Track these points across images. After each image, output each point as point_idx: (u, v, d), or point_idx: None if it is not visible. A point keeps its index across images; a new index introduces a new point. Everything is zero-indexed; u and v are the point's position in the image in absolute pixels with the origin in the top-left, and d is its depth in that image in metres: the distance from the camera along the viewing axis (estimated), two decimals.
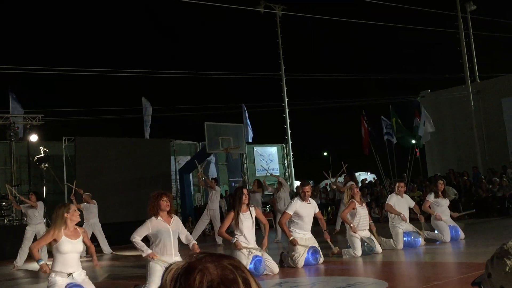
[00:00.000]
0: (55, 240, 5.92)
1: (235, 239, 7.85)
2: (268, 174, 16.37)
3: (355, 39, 47.39)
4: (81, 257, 6.47)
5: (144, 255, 6.74)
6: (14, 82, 19.58)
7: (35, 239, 11.56)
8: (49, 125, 18.99)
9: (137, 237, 6.74)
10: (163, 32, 51.45)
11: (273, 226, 15.06)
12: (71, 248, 5.95)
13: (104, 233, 14.00)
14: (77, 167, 17.06)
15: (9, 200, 13.67)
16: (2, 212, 15.75)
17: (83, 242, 6.28)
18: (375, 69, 46.02)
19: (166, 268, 1.09)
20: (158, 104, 22.82)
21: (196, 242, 7.17)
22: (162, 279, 1.07)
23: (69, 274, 5.92)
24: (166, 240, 6.72)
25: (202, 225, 14.60)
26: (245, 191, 8.12)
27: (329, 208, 20.27)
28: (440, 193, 10.90)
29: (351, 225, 9.35)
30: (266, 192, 16.42)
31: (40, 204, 12.22)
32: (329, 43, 49.65)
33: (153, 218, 6.77)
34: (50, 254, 6.52)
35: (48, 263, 6.43)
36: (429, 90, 26.74)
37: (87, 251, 6.83)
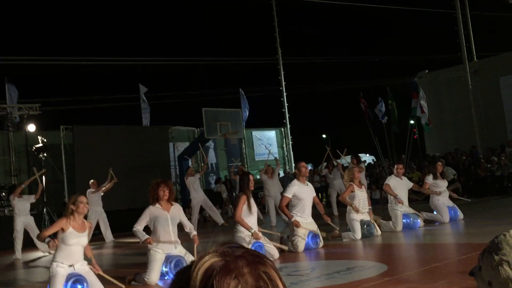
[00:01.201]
0: (63, 229, 5.97)
1: (253, 230, 7.80)
2: (271, 158, 16.36)
3: (352, 21, 47.15)
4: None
5: (141, 242, 6.79)
6: (11, 72, 19.46)
7: (25, 231, 11.70)
8: (47, 115, 18.98)
9: (138, 227, 6.80)
10: (159, 17, 51.08)
11: (265, 212, 15.12)
12: (76, 241, 5.99)
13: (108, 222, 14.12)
14: (76, 156, 17.07)
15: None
16: (2, 202, 15.77)
17: None
18: (373, 50, 45.91)
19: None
20: (155, 90, 22.78)
21: (196, 233, 7.18)
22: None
23: (71, 265, 5.95)
24: (164, 226, 6.76)
25: (195, 217, 14.53)
26: (251, 176, 8.14)
27: (328, 191, 20.26)
28: (438, 174, 10.92)
29: (353, 205, 9.36)
30: (257, 177, 16.35)
31: (31, 197, 12.28)
32: (326, 25, 49.38)
33: (151, 206, 6.83)
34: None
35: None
36: (427, 71, 26.67)
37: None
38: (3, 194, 15.83)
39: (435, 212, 10.71)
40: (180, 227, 7.21)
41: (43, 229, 6.63)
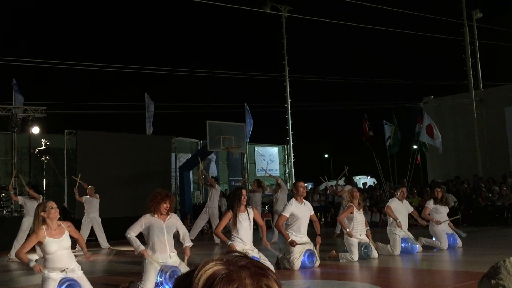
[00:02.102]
0: (40, 243, 5.81)
1: (230, 242, 7.81)
2: (267, 175, 16.38)
3: (360, 42, 47.36)
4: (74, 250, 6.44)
5: (136, 252, 6.73)
6: (17, 74, 19.58)
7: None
8: (51, 118, 19.04)
9: (131, 233, 6.71)
10: (168, 29, 51.44)
11: (271, 227, 15.08)
12: (57, 247, 5.84)
13: (102, 228, 14.04)
14: (78, 161, 17.08)
15: (8, 191, 13.64)
16: (2, 203, 15.78)
17: (72, 235, 6.20)
18: (379, 73, 46.00)
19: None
20: (161, 101, 22.84)
21: (189, 245, 7.07)
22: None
23: (63, 270, 5.89)
24: (159, 236, 6.69)
25: (200, 223, 14.63)
26: (244, 191, 8.09)
27: (329, 210, 20.25)
28: (439, 199, 10.89)
29: (347, 230, 9.36)
30: (266, 193, 16.41)
31: (40, 198, 12.24)
32: (333, 46, 49.63)
33: (148, 214, 6.74)
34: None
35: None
36: (432, 96, 26.70)
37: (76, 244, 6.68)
38: (3, 194, 15.85)
39: (434, 238, 10.66)
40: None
41: (19, 248, 6.23)
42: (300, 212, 8.69)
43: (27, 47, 38.31)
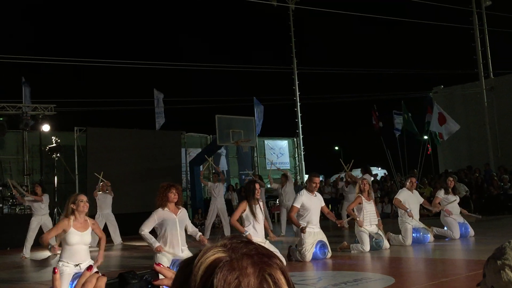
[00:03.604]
0: (64, 231, 5.95)
1: (248, 233, 7.85)
2: (274, 168, 16.38)
3: (368, 33, 47.13)
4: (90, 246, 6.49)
5: (153, 249, 6.77)
6: (27, 72, 19.69)
7: (40, 230, 11.69)
8: (61, 116, 19.13)
9: (145, 230, 6.79)
10: (176, 23, 51.48)
11: (279, 221, 15.10)
12: (79, 239, 5.96)
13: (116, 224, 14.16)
14: (89, 158, 17.16)
15: (14, 194, 13.76)
16: (14, 201, 15.90)
17: (95, 233, 6.31)
18: (388, 63, 45.81)
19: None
20: (169, 96, 22.89)
21: (200, 234, 7.16)
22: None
23: (77, 265, 5.95)
24: (172, 230, 6.75)
25: (211, 221, 14.56)
26: (257, 185, 8.17)
27: (340, 203, 20.21)
28: (450, 189, 10.84)
29: (357, 218, 9.33)
30: (268, 186, 16.35)
31: (46, 197, 12.31)
32: (341, 37, 49.41)
33: (159, 209, 6.81)
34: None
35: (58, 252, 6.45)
36: (442, 86, 26.54)
37: (99, 242, 6.75)
38: (14, 193, 15.96)
39: (445, 228, 10.62)
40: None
41: (46, 232, 6.44)
42: (311, 204, 8.71)
43: (36, 45, 38.49)
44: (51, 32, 44.63)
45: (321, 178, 23.82)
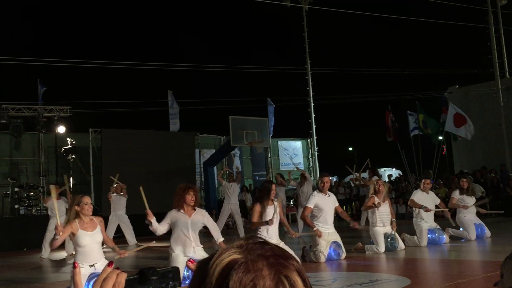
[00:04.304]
0: (73, 234, 5.97)
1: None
2: (294, 168, 16.38)
3: (382, 33, 46.93)
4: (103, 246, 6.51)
5: (150, 225, 6.74)
6: (43, 74, 19.91)
7: None
8: (77, 117, 19.29)
9: (158, 226, 6.79)
10: (189, 25, 51.65)
11: (296, 221, 15.07)
12: (89, 240, 5.98)
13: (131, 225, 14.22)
14: (103, 159, 17.28)
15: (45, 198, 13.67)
16: (30, 202, 16.06)
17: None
18: (402, 63, 45.54)
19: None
20: (183, 97, 22.96)
21: (222, 240, 7.13)
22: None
23: (92, 265, 5.98)
24: (183, 231, 6.77)
25: (223, 221, 14.58)
26: (273, 186, 8.16)
27: (353, 204, 20.17)
28: (465, 190, 10.76)
29: (374, 205, 9.30)
30: (289, 187, 16.40)
31: (63, 199, 12.39)
32: (355, 37, 49.25)
33: (174, 210, 6.84)
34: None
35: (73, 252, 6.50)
36: (457, 86, 26.34)
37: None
38: (32, 193, 16.13)
39: (461, 229, 10.54)
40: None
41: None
42: (324, 203, 8.69)
43: (51, 47, 38.82)
44: (66, 34, 44.96)
45: (335, 179, 23.85)
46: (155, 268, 1.15)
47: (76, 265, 1.17)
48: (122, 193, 14.00)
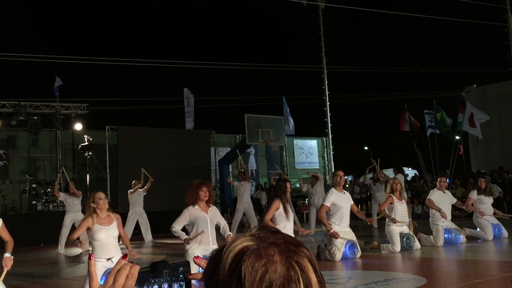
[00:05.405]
0: (89, 229, 6.03)
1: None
2: (304, 168, 16.39)
3: (399, 31, 46.61)
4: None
5: (182, 240, 6.85)
6: (60, 72, 20.06)
7: (73, 227, 11.87)
8: (93, 114, 19.45)
9: (176, 227, 6.85)
10: (206, 23, 51.77)
11: (308, 220, 15.07)
12: (106, 234, 6.03)
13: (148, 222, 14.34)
14: (120, 156, 17.40)
15: (54, 186, 13.96)
16: (47, 198, 16.23)
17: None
18: (419, 62, 45.18)
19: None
20: (199, 95, 23.00)
21: (231, 234, 7.17)
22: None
23: (108, 259, 6.03)
24: (203, 228, 6.79)
25: (237, 220, 14.60)
26: (288, 184, 8.15)
27: (369, 203, 20.06)
28: (482, 190, 10.65)
29: (390, 217, 9.25)
30: (296, 185, 16.37)
31: (79, 193, 12.55)
32: (371, 35, 49.02)
33: (190, 207, 6.86)
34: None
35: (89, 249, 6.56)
36: (475, 85, 26.10)
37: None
38: (49, 190, 16.30)
39: (478, 229, 10.45)
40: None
41: (73, 232, 6.60)
42: (341, 201, 8.68)
43: (69, 45, 39.12)
44: (83, 32, 45.33)
45: (350, 178, 23.75)
46: (167, 261, 1.19)
47: (91, 256, 1.20)
48: (146, 187, 14.08)
